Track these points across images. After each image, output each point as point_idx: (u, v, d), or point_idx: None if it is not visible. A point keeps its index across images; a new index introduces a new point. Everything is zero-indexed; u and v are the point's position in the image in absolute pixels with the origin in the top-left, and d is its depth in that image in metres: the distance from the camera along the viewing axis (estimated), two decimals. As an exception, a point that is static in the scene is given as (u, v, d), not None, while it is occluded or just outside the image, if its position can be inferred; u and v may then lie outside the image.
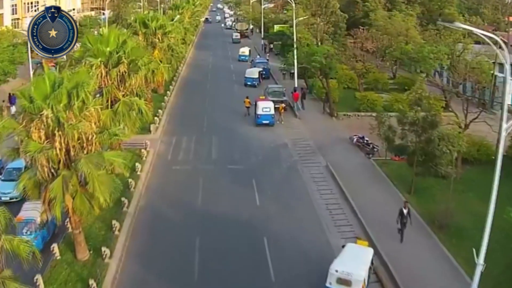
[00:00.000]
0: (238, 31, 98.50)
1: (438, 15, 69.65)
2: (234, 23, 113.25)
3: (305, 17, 53.70)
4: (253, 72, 54.35)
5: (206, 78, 59.21)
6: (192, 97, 49.75)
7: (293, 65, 46.87)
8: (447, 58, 43.63)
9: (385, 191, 27.92)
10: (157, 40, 40.06)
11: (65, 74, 18.89)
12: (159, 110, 40.89)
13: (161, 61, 42.40)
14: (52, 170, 17.69)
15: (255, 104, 39.95)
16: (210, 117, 41.55)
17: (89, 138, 18.11)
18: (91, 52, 26.16)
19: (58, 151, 17.35)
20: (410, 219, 22.45)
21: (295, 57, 45.85)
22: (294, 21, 48.17)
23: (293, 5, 50.24)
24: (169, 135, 37.36)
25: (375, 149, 33.40)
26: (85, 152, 18.45)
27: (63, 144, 17.41)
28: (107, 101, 26.58)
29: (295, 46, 46.03)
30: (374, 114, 43.30)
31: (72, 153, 18.21)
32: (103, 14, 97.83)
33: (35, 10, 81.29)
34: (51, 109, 17.20)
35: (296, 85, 46.85)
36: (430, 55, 43.70)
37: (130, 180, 26.97)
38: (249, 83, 53.41)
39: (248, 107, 42.13)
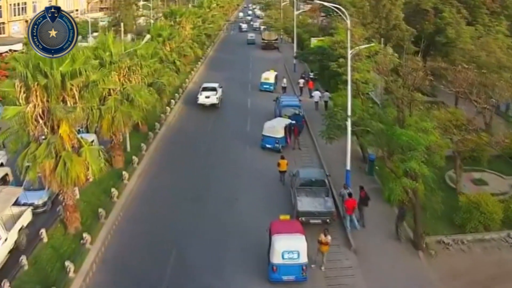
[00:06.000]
0: (266, 41, 78.74)
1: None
2: (262, 29, 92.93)
3: (368, 46, 31.48)
4: (276, 129, 33.55)
5: (205, 129, 38.70)
6: (173, 183, 28.49)
7: (344, 131, 27.05)
8: None
9: None
10: (69, 101, 19.37)
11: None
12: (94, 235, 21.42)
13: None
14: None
15: (269, 236, 20.20)
16: (191, 253, 21.82)
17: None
18: None
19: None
20: None
21: (349, 129, 26.13)
22: (349, 53, 27.51)
23: (348, 21, 28.87)
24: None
25: None
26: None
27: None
28: None
29: (349, 117, 25.79)
30: (488, 236, 23.52)
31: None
32: (101, 19, 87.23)
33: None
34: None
35: (347, 175, 26.50)
36: None
37: None
38: (268, 145, 33.49)
39: (283, 172, 28.33)
